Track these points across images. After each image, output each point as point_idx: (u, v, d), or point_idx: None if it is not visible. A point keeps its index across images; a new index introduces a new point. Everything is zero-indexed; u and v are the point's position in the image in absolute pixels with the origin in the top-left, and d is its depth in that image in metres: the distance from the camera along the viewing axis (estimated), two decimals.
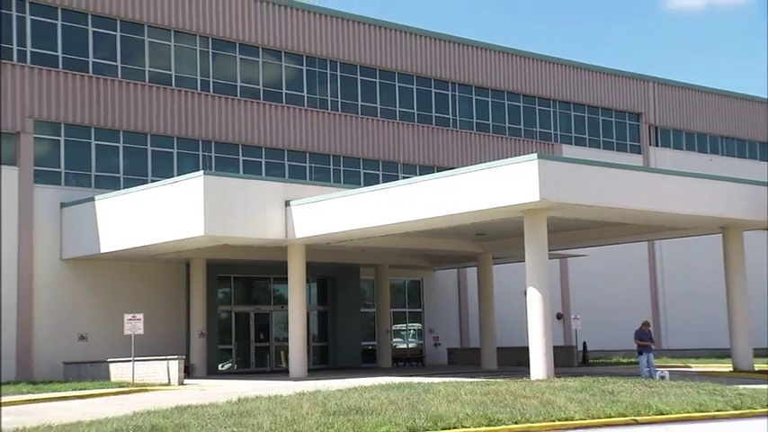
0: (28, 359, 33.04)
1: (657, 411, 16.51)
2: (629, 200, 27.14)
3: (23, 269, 33.40)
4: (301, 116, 41.00)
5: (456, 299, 45.66)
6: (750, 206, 30.46)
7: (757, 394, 19.46)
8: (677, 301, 50.59)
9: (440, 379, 23.55)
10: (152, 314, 33.38)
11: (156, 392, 25.08)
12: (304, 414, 15.00)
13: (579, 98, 50.53)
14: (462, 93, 46.51)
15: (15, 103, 33.95)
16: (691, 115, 54.82)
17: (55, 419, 15.67)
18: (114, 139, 36.25)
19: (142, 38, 37.34)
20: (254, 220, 29.46)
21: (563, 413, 15.83)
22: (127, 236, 31.43)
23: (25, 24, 34.63)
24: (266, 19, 40.45)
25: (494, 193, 25.67)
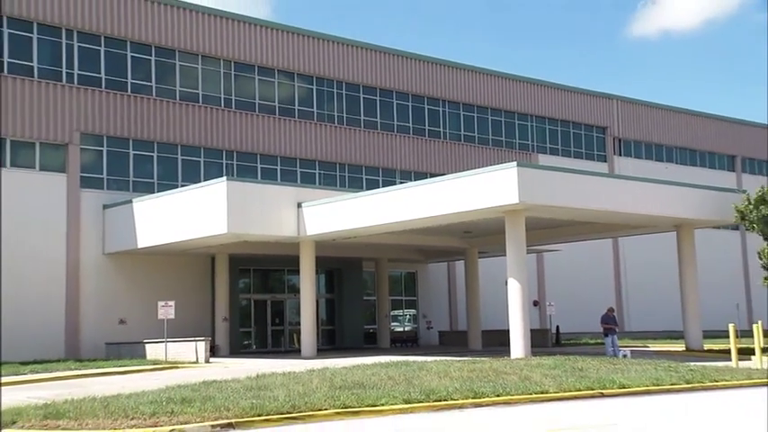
0: (75, 340, 33.09)
1: (620, 386, 16.60)
2: (595, 202, 27.21)
3: (71, 262, 33.47)
4: (311, 129, 41.01)
5: (446, 288, 45.65)
6: (700, 208, 30.60)
7: (706, 370, 19.59)
8: (637, 290, 50.65)
9: (432, 358, 23.59)
10: (182, 301, 33.40)
11: (186, 369, 25.14)
12: (314, 388, 15.07)
13: (553, 113, 50.55)
14: (451, 109, 46.50)
15: (64, 119, 34.02)
16: (649, 129, 54.87)
17: (99, 392, 15.75)
18: (149, 149, 36.30)
19: (174, 62, 37.39)
20: (270, 220, 29.53)
21: (539, 387, 15.90)
22: (160, 233, 31.47)
23: (73, 50, 34.70)
24: (281, 45, 40.51)
25: (479, 197, 25.72)
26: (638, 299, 50.61)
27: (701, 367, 20.20)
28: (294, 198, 30.26)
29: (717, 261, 50.84)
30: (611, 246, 49.67)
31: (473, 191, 25.92)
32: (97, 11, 35.33)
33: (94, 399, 14.15)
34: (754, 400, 15.94)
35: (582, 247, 42.71)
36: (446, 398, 14.29)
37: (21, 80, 33.27)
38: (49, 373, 23.67)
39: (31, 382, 21.58)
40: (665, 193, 30.01)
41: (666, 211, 29.59)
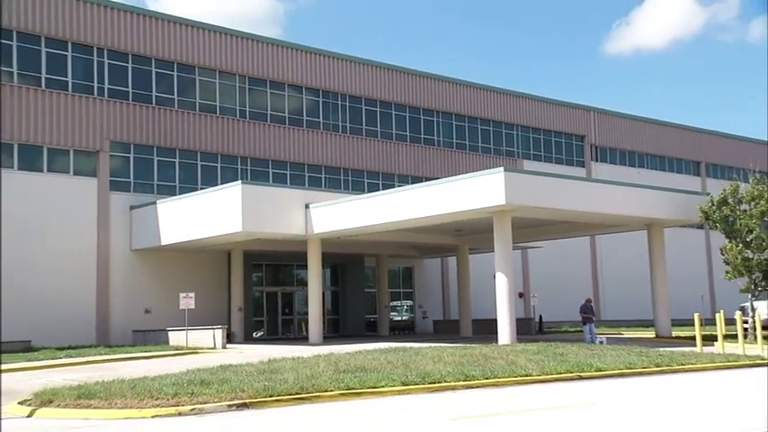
0: (105, 328, 33.10)
1: (597, 369, 16.65)
2: (574, 203, 27.23)
3: (101, 258, 33.48)
4: (318, 137, 41.01)
5: (440, 281, 45.63)
6: (669, 209, 30.69)
7: (674, 355, 19.66)
8: (612, 283, 50.64)
9: (427, 344, 23.61)
10: (201, 293, 33.36)
11: (205, 354, 25.17)
12: (320, 371, 15.11)
13: (536, 123, 50.54)
14: (444, 119, 46.49)
15: (96, 128, 34.04)
16: (623, 137, 54.85)
17: (126, 374, 15.81)
18: (171, 155, 36.31)
19: (193, 77, 37.41)
20: (280, 220, 29.53)
21: (523, 370, 15.96)
22: (181, 231, 31.49)
23: (103, 66, 34.71)
24: (290, 61, 40.50)
25: (469, 199, 25.73)
26: (612, 291, 50.63)
27: (669, 352, 20.24)
28: (302, 200, 30.29)
29: (684, 257, 50.86)
30: (588, 243, 49.68)
31: (464, 193, 25.95)
32: (125, 31, 35.42)
33: (122, 381, 14.22)
34: (717, 382, 16.03)
35: (562, 245, 42.70)
36: (440, 380, 14.35)
37: (57, 93, 33.32)
38: (82, 357, 23.74)
39: (65, 366, 21.63)
40: (637, 195, 30.06)
41: (638, 212, 29.68)
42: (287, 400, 12.38)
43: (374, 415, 11.35)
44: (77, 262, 32.92)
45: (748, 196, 30.07)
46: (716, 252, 37.96)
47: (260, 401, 12.18)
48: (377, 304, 41.13)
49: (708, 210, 30.37)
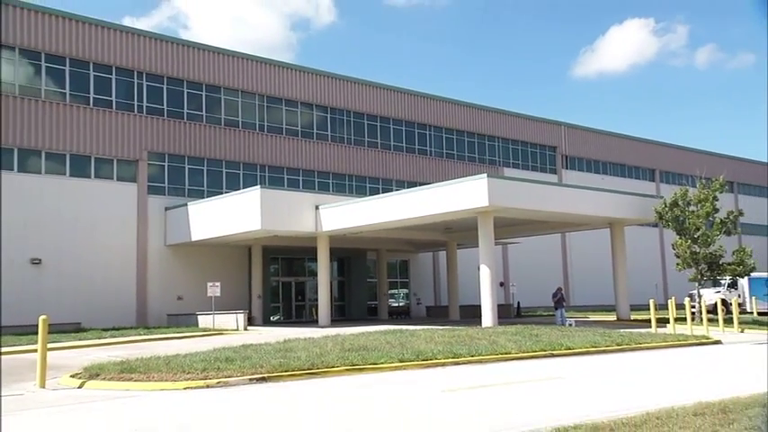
0: (144, 311, 33.09)
1: (567, 348, 16.69)
2: (547, 205, 27.21)
3: (140, 252, 33.46)
4: (326, 148, 40.98)
5: (431, 272, 45.58)
6: (628, 210, 30.72)
7: (632, 335, 19.70)
8: (580, 273, 50.64)
9: (421, 327, 23.62)
10: (225, 282, 33.32)
11: (229, 335, 25.18)
12: (328, 350, 15.13)
13: (515, 136, 50.51)
14: (436, 132, 46.44)
15: (136, 141, 34.03)
16: (589, 148, 54.82)
17: (162, 352, 15.82)
18: (200, 164, 36.28)
19: (219, 96, 37.36)
20: (294, 219, 29.50)
21: (504, 349, 15.98)
22: (209, 229, 31.45)
23: (142, 87, 34.67)
24: (302, 82, 40.47)
25: (457, 201, 25.73)
26: (580, 280, 50.62)
27: (628, 333, 20.29)
28: (313, 202, 30.25)
29: (641, 251, 50.83)
30: (559, 239, 49.68)
31: (452, 196, 25.95)
32: (161, 57, 35.41)
33: (159, 358, 14.22)
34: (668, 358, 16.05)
35: (537, 241, 42.67)
36: (432, 358, 14.37)
37: (102, 111, 33.28)
38: (124, 337, 23.76)
39: (110, 344, 21.65)
40: (601, 198, 30.11)
41: (602, 213, 29.70)
42: (300, 375, 12.41)
43: (375, 388, 11.37)
44: (120, 255, 32.92)
45: (695, 199, 30.11)
46: (668, 247, 37.98)
47: (276, 376, 12.20)
48: (377, 292, 41.09)
49: (661, 211, 30.39)
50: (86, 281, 31.62)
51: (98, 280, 31.94)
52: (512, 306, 41.09)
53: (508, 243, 43.16)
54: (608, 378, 12.25)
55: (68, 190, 31.97)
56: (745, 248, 30.34)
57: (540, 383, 11.46)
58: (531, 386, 11.17)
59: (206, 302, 31.30)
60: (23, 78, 31.76)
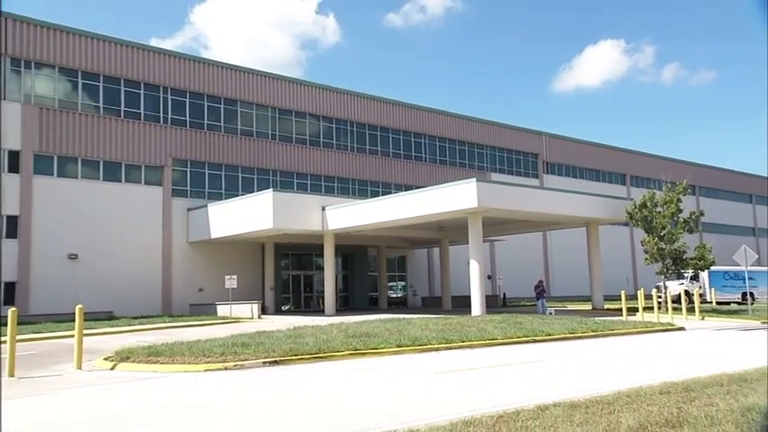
0: (169, 301, 33.10)
1: (547, 334, 16.69)
2: (530, 206, 27.21)
3: (165, 249, 33.47)
4: (331, 155, 40.97)
5: (426, 266, 45.57)
6: (602, 211, 30.71)
7: (605, 323, 19.72)
8: (559, 267, 50.66)
9: (416, 316, 23.63)
10: (241, 275, 33.41)
11: (245, 323, 25.19)
12: (334, 336, 15.13)
13: (501, 144, 50.49)
14: (430, 141, 46.40)
15: (161, 149, 34.04)
16: (568, 155, 54.81)
17: (185, 338, 15.84)
18: (219, 169, 36.25)
19: (236, 108, 37.34)
20: (303, 219, 29.47)
21: (491, 336, 15.99)
22: (226, 228, 31.42)
23: (168, 101, 34.69)
24: (310, 96, 40.45)
25: (449, 202, 25.72)
26: (559, 273, 50.62)
27: (602, 321, 20.31)
28: (320, 203, 30.22)
29: (613, 247, 50.84)
30: (541, 237, 49.67)
31: (445, 198, 25.94)
32: (183, 73, 35.42)
33: (182, 343, 14.22)
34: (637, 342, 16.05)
35: (521, 238, 42.69)
36: (426, 343, 14.37)
37: (132, 122, 33.29)
38: (151, 324, 23.75)
39: (139, 331, 21.65)
40: (578, 200, 30.09)
41: (579, 213, 29.71)
42: (308, 359, 12.40)
43: (376, 370, 11.37)
44: (147, 251, 32.90)
45: (662, 201, 30.15)
46: (637, 244, 37.95)
47: (287, 359, 12.20)
48: (377, 284, 41.11)
49: (632, 211, 30.42)
50: (117, 274, 31.64)
51: (128, 273, 31.96)
52: (498, 297, 41.09)
53: (495, 240, 43.20)
54: (584, 361, 12.26)
55: (102, 193, 31.98)
56: (705, 245, 30.38)
57: (524, 366, 11.46)
58: (516, 368, 11.17)
59: (224, 294, 31.33)
60: (62, 94, 31.79)
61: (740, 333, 18.80)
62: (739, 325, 22.29)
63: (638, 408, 7.01)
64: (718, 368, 10.19)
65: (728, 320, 24.50)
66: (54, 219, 30.34)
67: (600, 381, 9.37)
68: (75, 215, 31.00)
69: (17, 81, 30.50)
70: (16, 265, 29.30)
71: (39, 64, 31.13)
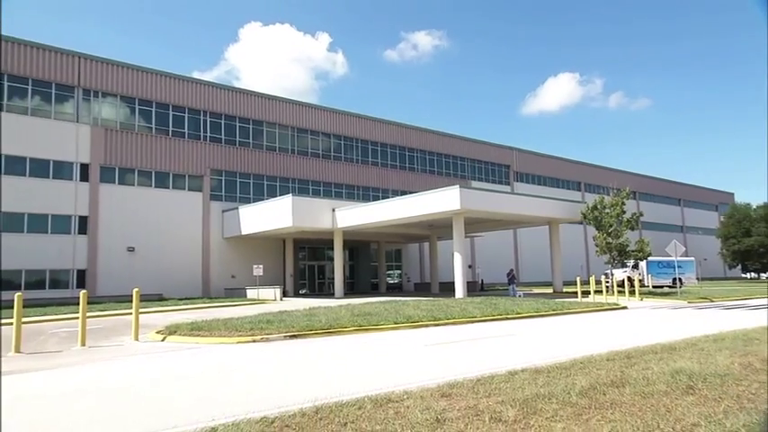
0: (207, 286, 33.11)
1: (517, 313, 16.69)
2: (503, 208, 27.26)
3: (205, 242, 33.50)
4: (340, 166, 40.92)
5: (418, 258, 45.52)
6: (561, 212, 30.71)
7: (564, 303, 19.73)
8: (527, 258, 50.62)
9: (410, 298, 23.68)
10: (266, 265, 33.46)
11: (269, 304, 25.25)
12: (342, 315, 15.16)
13: (480, 157, 50.46)
14: (421, 154, 46.32)
15: (202, 161, 34.07)
16: (533, 166, 54.79)
17: (220, 316, 15.87)
18: (248, 178, 36.24)
19: (262, 128, 37.34)
20: (316, 219, 29.50)
21: (470, 314, 16.00)
22: (254, 226, 31.43)
23: (207, 123, 34.73)
24: (323, 117, 40.47)
25: (437, 205, 25.75)
26: (526, 263, 50.59)
27: (561, 302, 20.34)
28: (330, 206, 30.24)
29: (570, 242, 50.81)
30: (512, 234, 49.71)
31: (434, 202, 25.97)
32: (220, 100, 35.46)
33: (218, 320, 14.25)
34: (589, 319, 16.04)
35: (496, 234, 42.68)
36: (417, 321, 14.38)
37: (178, 139, 33.34)
38: (193, 305, 23.80)
39: (183, 310, 21.68)
40: (542, 203, 30.11)
41: (542, 214, 29.73)
42: (321, 333, 12.41)
43: (376, 343, 11.39)
44: (190, 245, 32.93)
45: (609, 204, 30.21)
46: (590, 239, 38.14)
47: (304, 333, 12.22)
48: (378, 272, 41.15)
49: (585, 212, 30.45)
50: (166, 263, 31.66)
51: (174, 262, 31.98)
52: (477, 282, 41.05)
53: (475, 236, 43.17)
54: (547, 335, 12.28)
55: (153, 197, 32.01)
56: (644, 240, 30.42)
57: (497, 339, 11.48)
58: (491, 341, 11.19)
59: (252, 280, 31.41)
60: (123, 117, 31.85)
61: (671, 311, 18.84)
62: (670, 304, 22.33)
63: (589, 371, 7.04)
64: (653, 339, 10.22)
65: (662, 301, 24.54)
66: (116, 218, 30.40)
67: (559, 350, 9.39)
68: (133, 216, 31.03)
69: (87, 108, 30.58)
70: (86, 256, 29.37)
71: (104, 93, 31.21)
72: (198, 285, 32.80)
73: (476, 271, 43.70)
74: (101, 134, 30.68)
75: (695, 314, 17.26)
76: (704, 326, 13.10)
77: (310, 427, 4.93)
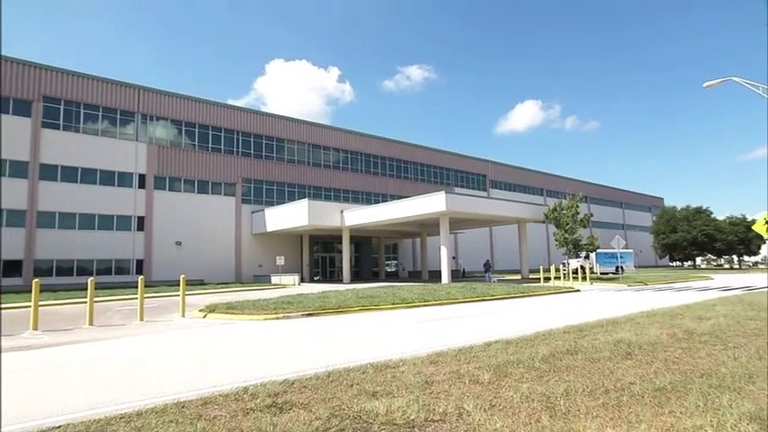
0: (239, 273, 33.07)
1: (491, 295, 16.65)
2: (480, 210, 27.26)
3: (237, 238, 33.43)
4: (347, 175, 40.82)
5: (411, 250, 45.47)
6: (528, 213, 30.70)
7: (530, 287, 19.66)
8: (500, 251, 50.53)
9: (404, 284, 23.69)
10: (287, 256, 33.42)
11: (288, 289, 25.23)
12: (349, 297, 15.12)
13: (462, 168, 50.34)
14: (414, 166, 46.20)
15: (235, 172, 34.03)
16: (506, 175, 54.68)
17: (250, 297, 15.84)
18: (272, 185, 36.15)
19: (284, 144, 37.29)
20: (328, 218, 29.47)
21: (454, 296, 15.96)
22: (277, 224, 31.40)
23: (239, 140, 34.70)
24: (333, 136, 40.41)
25: (427, 207, 25.74)
26: (500, 254, 50.46)
27: (528, 286, 20.34)
28: (339, 208, 30.19)
29: (535, 237, 50.78)
30: (488, 231, 49.67)
31: (424, 204, 25.99)
32: (250, 121, 35.42)
33: (248, 301, 14.25)
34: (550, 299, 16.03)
35: (475, 231, 42.71)
36: (411, 302, 14.35)
37: (216, 154, 33.34)
38: (228, 288, 23.79)
39: (220, 293, 21.67)
40: (512, 206, 30.11)
41: (513, 215, 29.74)
42: (332, 312, 12.40)
43: (376, 320, 11.41)
44: (225, 240, 32.87)
45: (566, 207, 30.22)
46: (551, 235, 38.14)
47: (317, 312, 12.20)
48: (378, 262, 41.09)
49: (547, 213, 30.47)
50: (207, 254, 31.62)
51: (213, 254, 31.94)
52: (460, 270, 41.08)
53: (458, 233, 43.19)
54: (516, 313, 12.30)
55: (196, 201, 31.97)
56: (593, 236, 30.48)
57: (476, 317, 11.50)
58: (470, 319, 11.21)
59: (275, 268, 31.39)
60: (172, 137, 31.91)
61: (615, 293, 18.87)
62: (614, 288, 22.35)
63: (549, 342, 7.08)
64: (600, 316, 10.25)
65: (608, 285, 24.55)
66: (166, 218, 30.40)
67: (525, 326, 9.41)
68: (179, 216, 31.03)
69: (144, 129, 30.63)
70: (143, 248, 29.43)
71: (158, 117, 31.27)
72: (231, 272, 32.77)
73: (459, 261, 43.65)
74: (155, 150, 30.73)
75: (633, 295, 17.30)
76: (640, 304, 13.14)
77: (323, 387, 4.98)
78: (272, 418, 4.12)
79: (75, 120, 28.08)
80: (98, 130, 28.95)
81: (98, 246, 27.90)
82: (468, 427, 3.91)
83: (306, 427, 3.92)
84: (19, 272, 25.47)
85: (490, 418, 4.07)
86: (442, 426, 3.94)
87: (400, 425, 3.96)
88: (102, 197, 28.41)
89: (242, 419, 4.12)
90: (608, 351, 6.33)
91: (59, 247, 26.58)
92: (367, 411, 4.24)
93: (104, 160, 28.78)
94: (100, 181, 28.59)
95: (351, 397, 4.63)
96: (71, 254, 26.95)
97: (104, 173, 28.79)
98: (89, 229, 27.92)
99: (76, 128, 28.04)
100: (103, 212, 28.45)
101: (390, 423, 3.99)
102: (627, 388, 4.78)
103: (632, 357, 6.03)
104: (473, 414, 4.15)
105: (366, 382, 5.11)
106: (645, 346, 6.64)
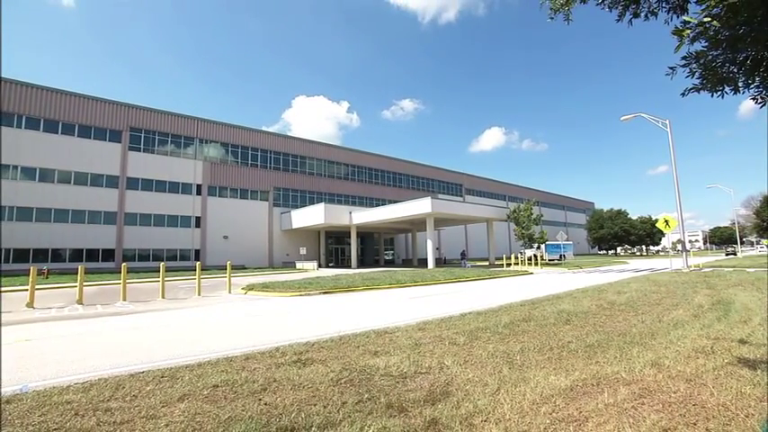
0: (272, 261, 32.95)
1: (466, 278, 16.56)
2: (458, 211, 27.17)
3: (269, 233, 33.30)
4: (355, 184, 40.67)
5: (404, 242, 45.31)
6: (495, 214, 30.59)
7: (496, 271, 19.49)
8: (472, 243, 50.29)
9: (399, 269, 23.65)
10: (308, 247, 33.27)
11: (309, 273, 25.05)
12: (355, 279, 15.05)
13: (443, 179, 50.16)
14: (406, 177, 45.96)
15: (267, 181, 33.94)
16: (479, 185, 54.48)
17: (279, 279, 15.77)
18: (297, 192, 36.08)
19: (306, 160, 37.24)
20: (339, 218, 29.37)
21: (437, 278, 15.85)
22: (300, 222, 31.27)
23: (270, 157, 34.62)
24: (344, 154, 40.33)
25: (417, 209, 25.65)
26: (473, 246, 49.88)
27: (494, 270, 20.29)
28: (348, 210, 30.07)
29: (500, 233, 50.56)
30: (463, 228, 49.52)
31: (414, 207, 25.93)
32: (279, 143, 35.32)
33: (278, 282, 14.23)
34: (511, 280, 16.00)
35: (454, 229, 42.66)
36: (404, 282, 14.32)
37: (251, 168, 33.24)
38: (263, 272, 23.69)
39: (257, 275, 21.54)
40: (483, 209, 30.01)
41: (483, 215, 29.67)
42: (343, 291, 12.38)
43: (378, 296, 11.42)
44: (261, 235, 32.74)
45: (523, 209, 30.21)
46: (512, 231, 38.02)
47: (331, 291, 12.18)
48: (378, 252, 40.95)
49: (510, 214, 30.44)
50: (247, 246, 31.52)
51: (252, 245, 31.84)
52: (442, 259, 40.91)
53: (440, 229, 43.09)
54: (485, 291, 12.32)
55: (238, 205, 31.92)
56: (544, 231, 30.62)
57: (454, 294, 11.52)
58: (450, 296, 11.22)
59: (299, 257, 31.33)
60: (221, 155, 31.95)
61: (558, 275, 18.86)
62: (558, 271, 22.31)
63: (509, 312, 7.12)
64: (547, 292, 10.29)
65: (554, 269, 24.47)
66: (216, 218, 30.37)
67: (492, 300, 9.42)
68: (226, 216, 30.99)
69: (201, 150, 30.77)
70: (199, 241, 29.48)
71: (210, 140, 31.28)
72: (265, 260, 32.71)
73: (441, 251, 43.56)
74: (208, 166, 30.82)
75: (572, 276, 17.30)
76: (576, 283, 13.16)
77: (336, 347, 5.04)
78: (297, 371, 4.23)
79: (151, 144, 28.76)
80: (167, 151, 29.51)
81: (167, 239, 28.47)
82: (448, 377, 4.02)
83: (323, 377, 4.05)
84: (113, 258, 26.25)
85: (464, 370, 4.18)
86: (428, 377, 4.04)
87: (395, 376, 4.06)
88: (169, 202, 28.98)
89: (275, 371, 4.25)
90: (553, 319, 6.41)
91: (140, 240, 27.39)
92: (370, 366, 4.33)
93: (172, 174, 29.31)
94: (168, 189, 29.19)
95: (357, 355, 4.69)
96: (148, 245, 27.62)
97: (172, 184, 29.31)
98: (161, 226, 28.49)
99: (152, 150, 28.76)
100: (171, 213, 28.98)
101: (388, 375, 4.10)
102: (566, 346, 4.88)
103: (570, 323, 6.12)
104: (451, 368, 4.24)
105: (369, 344, 5.19)
106: (579, 314, 6.72)
